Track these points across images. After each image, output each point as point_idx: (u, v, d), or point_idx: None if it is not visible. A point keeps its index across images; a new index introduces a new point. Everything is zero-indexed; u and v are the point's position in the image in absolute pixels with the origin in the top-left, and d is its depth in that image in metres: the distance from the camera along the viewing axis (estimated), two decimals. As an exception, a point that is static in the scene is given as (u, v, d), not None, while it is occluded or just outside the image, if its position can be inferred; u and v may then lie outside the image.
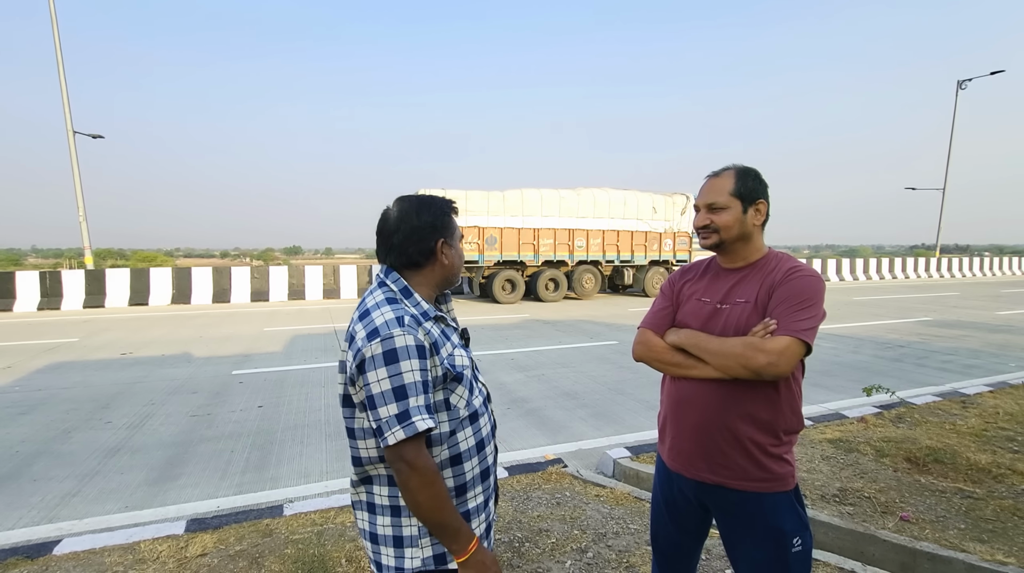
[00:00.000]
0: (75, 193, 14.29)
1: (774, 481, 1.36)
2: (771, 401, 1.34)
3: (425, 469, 1.06)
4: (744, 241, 1.42)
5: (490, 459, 1.28)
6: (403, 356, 1.07)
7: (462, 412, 1.20)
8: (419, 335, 1.11)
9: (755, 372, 1.27)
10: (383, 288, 1.21)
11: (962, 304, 13.16)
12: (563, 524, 2.62)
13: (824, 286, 1.36)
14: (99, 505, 3.10)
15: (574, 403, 5.00)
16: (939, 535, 2.48)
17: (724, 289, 1.43)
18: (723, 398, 1.36)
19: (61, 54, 13.77)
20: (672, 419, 1.49)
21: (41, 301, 12.60)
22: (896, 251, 72.28)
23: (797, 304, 1.30)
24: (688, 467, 1.44)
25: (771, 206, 1.44)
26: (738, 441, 1.35)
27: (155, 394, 5.36)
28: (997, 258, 26.54)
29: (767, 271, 1.39)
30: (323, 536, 2.53)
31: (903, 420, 4.10)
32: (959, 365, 6.49)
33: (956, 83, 24.31)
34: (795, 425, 1.38)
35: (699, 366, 1.38)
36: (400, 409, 1.05)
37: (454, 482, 1.19)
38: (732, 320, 1.37)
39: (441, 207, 1.26)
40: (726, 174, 1.42)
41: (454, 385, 1.18)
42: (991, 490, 2.90)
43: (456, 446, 1.18)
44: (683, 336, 1.43)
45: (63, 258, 31.79)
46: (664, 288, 1.59)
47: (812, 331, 1.28)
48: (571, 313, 11.57)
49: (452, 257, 1.27)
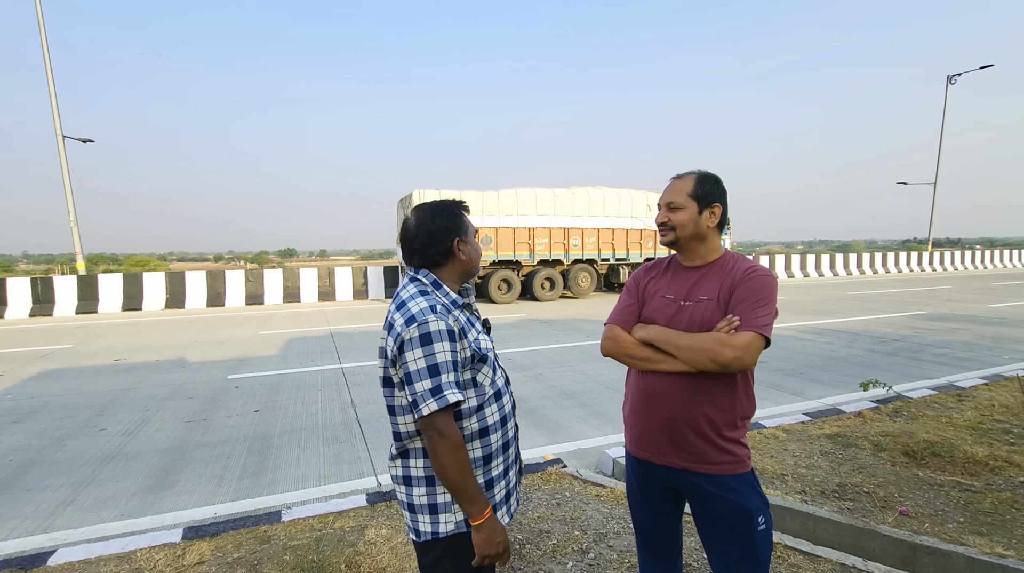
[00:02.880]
0: (66, 198, 14.16)
1: (734, 463, 1.47)
2: (731, 390, 1.46)
3: (453, 437, 1.24)
4: (699, 240, 1.53)
5: (511, 433, 1.45)
6: (436, 339, 1.24)
7: (487, 389, 1.37)
8: (450, 321, 1.28)
9: (723, 365, 1.37)
10: (415, 283, 1.38)
11: (955, 297, 13.24)
12: (564, 525, 2.61)
13: (777, 284, 1.48)
14: (94, 514, 3.07)
15: (572, 402, 4.99)
16: (939, 529, 2.49)
17: (687, 287, 1.53)
18: (689, 390, 1.45)
19: (49, 58, 13.64)
20: (640, 411, 1.57)
21: (33, 307, 12.49)
22: (889, 245, 72.74)
23: (756, 302, 1.41)
24: (657, 454, 1.53)
25: (728, 211, 1.55)
26: (701, 428, 1.45)
27: (150, 400, 5.31)
28: (988, 251, 26.74)
29: (726, 270, 1.50)
30: (322, 542, 2.51)
31: (900, 414, 4.11)
32: (954, 358, 6.53)
33: (946, 78, 24.49)
34: (750, 410, 1.51)
35: (667, 360, 1.47)
36: (433, 384, 1.22)
37: (482, 452, 1.35)
38: (696, 316, 1.47)
39: (452, 210, 1.43)
40: (688, 177, 1.54)
41: (480, 365, 1.36)
42: (989, 483, 2.92)
43: (484, 420, 1.35)
44: (653, 332, 1.51)
45: (55, 264, 31.52)
46: (629, 285, 1.68)
47: (770, 326, 1.40)
48: (567, 312, 11.57)
49: (469, 252, 1.43)
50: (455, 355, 1.27)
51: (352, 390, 5.57)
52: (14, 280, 12.80)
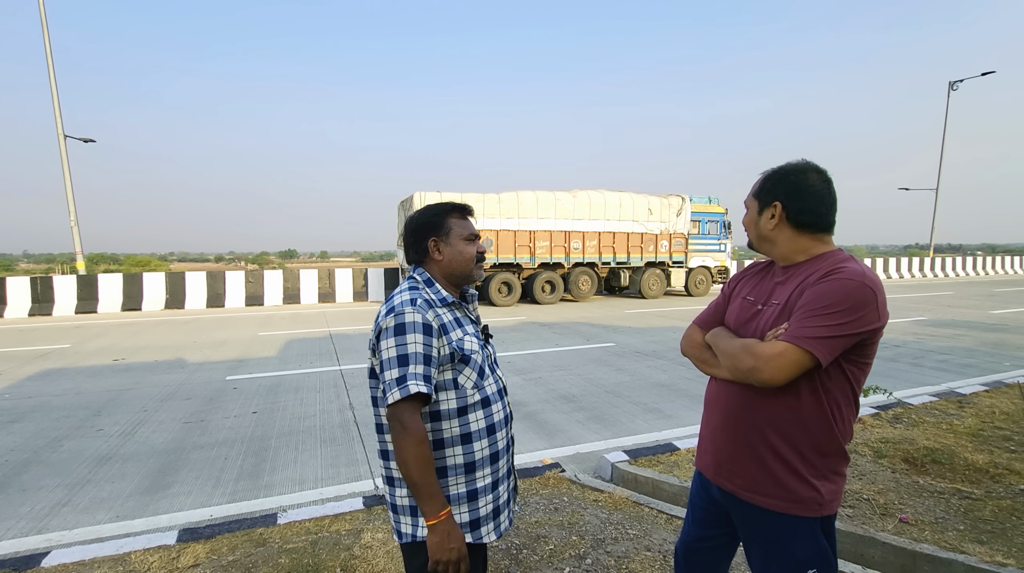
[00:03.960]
0: (66, 198, 14.18)
1: (793, 502, 1.24)
2: (794, 411, 1.22)
3: (415, 431, 1.20)
4: (767, 245, 1.36)
5: (501, 445, 1.41)
6: (410, 330, 1.24)
7: (470, 392, 1.34)
8: (428, 315, 1.29)
9: (743, 376, 1.23)
10: (410, 280, 1.41)
11: (956, 303, 13.22)
12: (561, 530, 2.60)
13: (868, 293, 1.16)
14: (89, 515, 3.05)
15: (571, 406, 4.97)
16: (938, 537, 2.47)
17: (768, 290, 1.36)
18: (741, 401, 1.30)
19: (51, 58, 13.67)
20: (703, 418, 1.49)
21: (32, 307, 12.49)
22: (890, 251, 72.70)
23: (816, 309, 1.16)
24: (708, 468, 1.41)
25: (807, 208, 1.29)
26: (752, 449, 1.28)
27: (148, 401, 5.30)
28: (990, 257, 26.73)
29: (809, 272, 1.26)
30: (318, 545, 2.49)
31: (900, 420, 4.09)
32: (955, 364, 6.51)
33: (948, 84, 24.51)
34: (824, 447, 1.23)
35: (718, 365, 1.35)
36: (400, 373, 1.21)
37: (463, 459, 1.32)
38: (763, 323, 1.30)
39: (435, 210, 1.44)
40: (761, 175, 1.37)
41: (461, 366, 1.33)
42: (989, 490, 2.90)
43: (467, 425, 1.33)
44: (710, 334, 1.41)
45: (55, 263, 31.54)
46: (724, 286, 1.55)
47: (822, 342, 1.13)
48: (568, 315, 11.56)
49: (448, 254, 1.41)
50: (428, 349, 1.25)
51: (351, 392, 5.56)
52: (14, 279, 12.80)
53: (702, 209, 15.80)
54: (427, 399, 1.23)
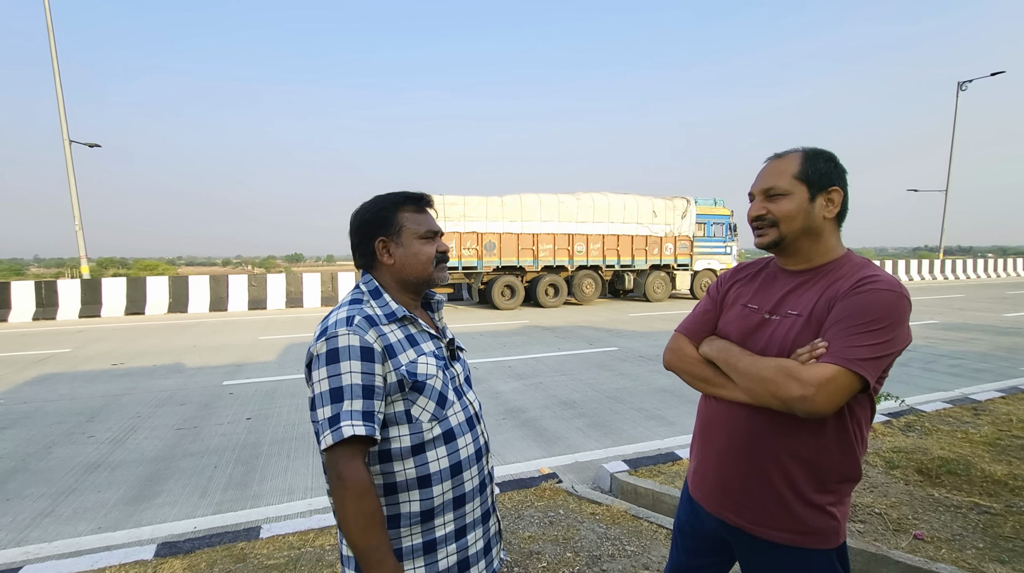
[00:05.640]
0: (71, 202, 14.23)
1: (809, 535, 1.11)
2: (816, 436, 1.09)
3: (355, 483, 0.98)
4: (811, 238, 1.15)
5: (471, 484, 1.16)
6: (344, 356, 1.03)
7: (426, 426, 1.10)
8: (367, 336, 1.06)
9: (785, 404, 1.03)
10: (355, 290, 1.19)
11: (968, 306, 12.97)
12: (555, 545, 2.47)
13: (907, 307, 1.04)
14: (71, 526, 2.96)
15: (572, 413, 4.85)
16: (956, 555, 2.32)
17: (776, 296, 1.18)
18: (755, 426, 1.12)
19: (57, 62, 13.74)
20: (699, 441, 1.29)
21: (36, 311, 12.50)
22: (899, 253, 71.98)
23: (861, 325, 1.01)
24: (709, 500, 1.23)
25: (847, 199, 1.17)
26: (768, 480, 1.12)
27: (142, 406, 5.22)
28: (1001, 259, 26.31)
29: (834, 278, 1.11)
30: (299, 561, 2.38)
31: (913, 428, 3.94)
32: (968, 369, 6.32)
33: (957, 84, 24.21)
34: (845, 473, 1.12)
35: (728, 386, 1.16)
36: (333, 412, 1.00)
37: (420, 506, 1.10)
38: (778, 336, 1.12)
39: (382, 204, 1.20)
40: (791, 155, 1.17)
41: (414, 395, 1.09)
42: (1009, 504, 2.74)
43: (424, 466, 1.10)
44: (715, 348, 1.21)
45: (65, 267, 31.77)
46: (710, 288, 1.36)
47: (873, 362, 1.00)
48: (571, 319, 11.42)
49: (400, 256, 1.18)
50: (369, 379, 1.03)
51: (347, 398, 5.46)
52: (18, 283, 12.83)
53: (707, 211, 15.63)
54: (370, 441, 1.02)
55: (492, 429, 4.43)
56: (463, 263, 13.06)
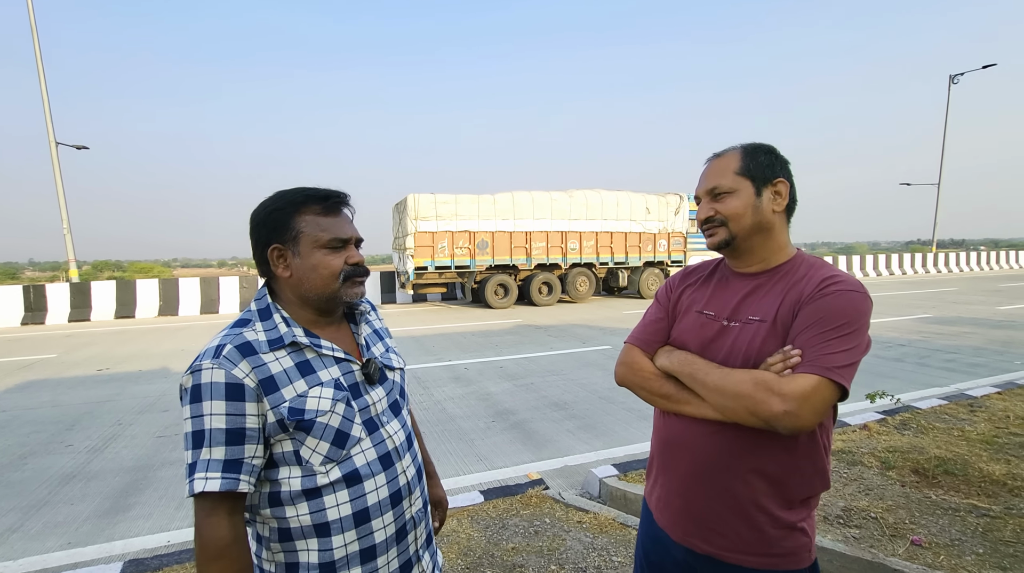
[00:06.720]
0: (59, 204, 14.03)
1: (783, 557, 1.04)
2: (787, 454, 1.03)
3: (209, 542, 0.87)
4: (762, 235, 1.10)
5: (384, 533, 1.00)
6: (206, 395, 0.89)
7: (319, 469, 0.95)
8: (236, 370, 0.91)
9: (766, 422, 0.95)
10: (247, 310, 1.03)
11: (961, 300, 12.96)
12: (540, 557, 2.38)
13: (871, 306, 1.01)
14: (39, 542, 2.85)
15: (562, 414, 4.76)
16: (955, 562, 2.25)
17: (733, 301, 1.11)
18: (723, 446, 1.05)
19: (42, 63, 13.54)
20: (660, 463, 1.19)
21: (25, 316, 12.32)
22: (892, 247, 72.33)
23: (833, 329, 0.96)
24: (675, 528, 1.14)
25: (794, 191, 1.12)
26: (738, 503, 1.04)
27: (124, 413, 5.10)
28: (993, 252, 26.39)
29: (794, 280, 1.06)
30: (273, 578, 2.28)
31: (908, 426, 3.87)
32: (963, 364, 6.27)
33: (948, 77, 24.23)
34: (816, 487, 1.06)
35: (694, 402, 1.07)
36: (192, 459, 0.89)
37: (319, 557, 0.95)
38: (741, 344, 1.05)
39: (278, 204, 1.02)
40: (730, 153, 1.13)
41: (301, 435, 0.94)
42: (1008, 506, 2.67)
43: (321, 513, 0.95)
44: (676, 361, 1.11)
45: (59, 271, 31.45)
46: (659, 294, 1.27)
47: (850, 369, 0.95)
48: (564, 317, 11.33)
49: (297, 269, 1.01)
50: (235, 421, 0.89)
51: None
52: (5, 288, 12.63)
53: (701, 207, 15.57)
54: (237, 494, 0.90)
55: (481, 432, 4.34)
56: (456, 262, 12.96)
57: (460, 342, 8.45)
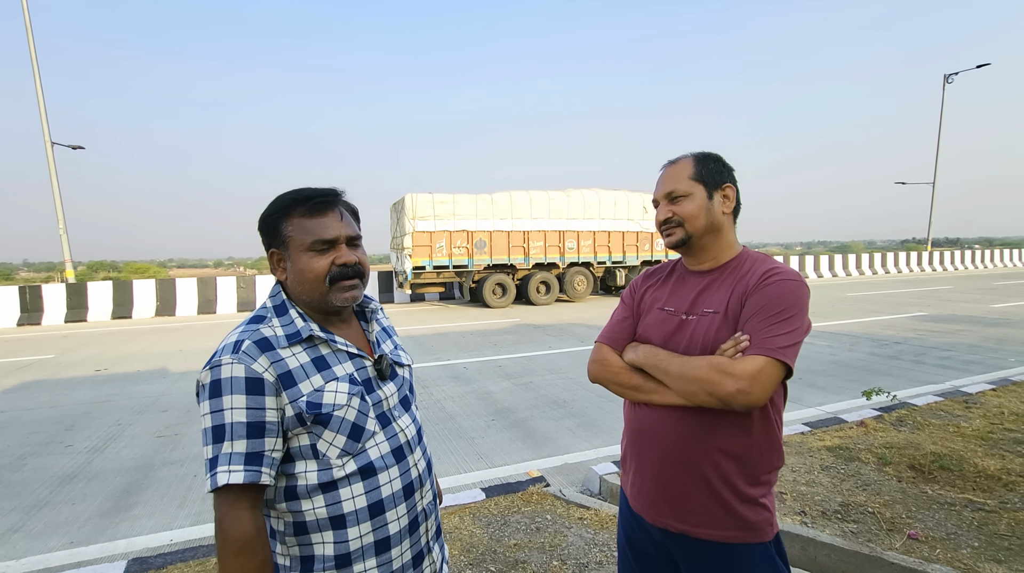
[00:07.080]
0: (55, 205, 13.98)
1: (748, 530, 1.14)
2: (745, 433, 1.13)
3: (234, 537, 0.88)
4: (714, 234, 1.23)
5: (398, 525, 1.02)
6: (226, 389, 0.91)
7: (335, 462, 0.97)
8: (255, 365, 0.93)
9: (723, 401, 1.05)
10: (262, 307, 1.05)
11: (956, 298, 13.04)
12: (542, 553, 2.40)
13: (808, 292, 1.14)
14: (42, 542, 2.85)
15: (562, 412, 4.78)
16: (951, 555, 2.28)
17: (690, 297, 1.23)
18: (688, 430, 1.15)
19: (37, 62, 13.48)
20: (632, 451, 1.28)
21: (21, 317, 12.27)
22: (888, 246, 72.61)
23: (774, 315, 1.09)
24: (649, 510, 1.23)
25: (741, 195, 1.26)
26: (706, 482, 1.14)
27: (123, 413, 5.10)
28: (988, 250, 26.54)
29: (740, 274, 1.19)
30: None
31: (904, 423, 3.90)
32: (958, 361, 6.32)
33: (943, 77, 24.35)
34: (774, 462, 1.17)
35: (660, 390, 1.17)
36: (213, 453, 0.90)
37: (335, 549, 0.97)
38: (699, 334, 1.17)
39: (269, 208, 1.04)
40: (684, 160, 1.26)
41: (319, 429, 0.96)
42: (1003, 501, 2.71)
43: (337, 505, 0.97)
44: (641, 354, 1.23)
45: (54, 271, 31.32)
46: (624, 295, 1.40)
47: (793, 349, 1.07)
48: (562, 316, 11.36)
49: (291, 272, 1.03)
50: (256, 415, 0.90)
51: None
52: (0, 289, 12.58)
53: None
54: (258, 487, 0.91)
55: (481, 430, 4.36)
56: (454, 262, 12.97)
57: (459, 341, 8.47)
